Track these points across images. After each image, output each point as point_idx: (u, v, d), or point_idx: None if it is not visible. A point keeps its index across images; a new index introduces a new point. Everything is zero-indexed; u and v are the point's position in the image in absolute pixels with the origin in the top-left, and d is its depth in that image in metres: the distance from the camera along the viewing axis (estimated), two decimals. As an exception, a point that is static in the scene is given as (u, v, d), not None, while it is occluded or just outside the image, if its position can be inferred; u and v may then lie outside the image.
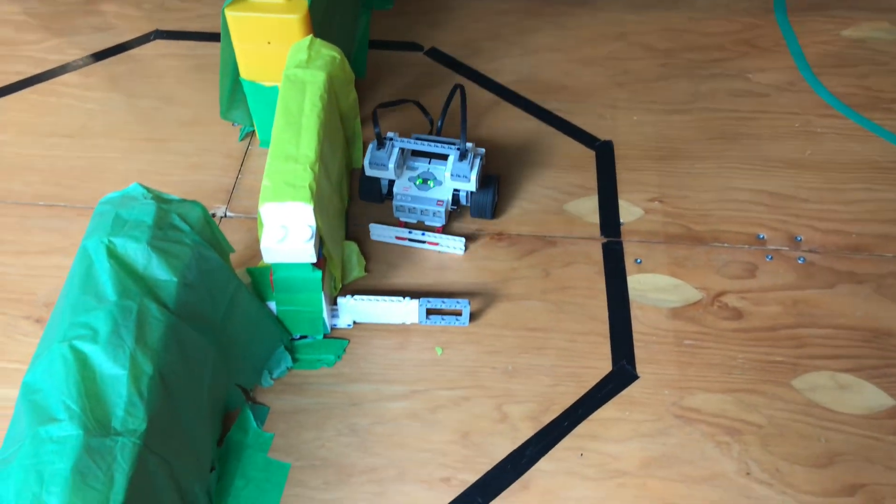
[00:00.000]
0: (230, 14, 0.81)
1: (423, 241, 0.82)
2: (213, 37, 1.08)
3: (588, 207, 0.88)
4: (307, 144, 0.68)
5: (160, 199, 0.65)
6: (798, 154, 0.92)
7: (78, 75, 1.05)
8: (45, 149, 0.95)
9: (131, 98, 1.01)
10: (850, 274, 0.81)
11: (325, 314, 0.73)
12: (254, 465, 0.67)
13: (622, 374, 0.74)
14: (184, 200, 0.66)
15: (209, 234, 0.67)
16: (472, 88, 1.01)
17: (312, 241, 0.66)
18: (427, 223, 0.84)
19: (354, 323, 0.76)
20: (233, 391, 0.69)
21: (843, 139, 0.94)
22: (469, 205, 0.84)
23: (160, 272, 0.59)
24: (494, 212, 0.85)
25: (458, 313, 0.75)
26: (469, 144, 0.82)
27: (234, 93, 0.92)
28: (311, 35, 0.79)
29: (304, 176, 0.65)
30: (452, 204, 0.84)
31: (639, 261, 0.82)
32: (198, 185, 0.90)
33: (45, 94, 1.02)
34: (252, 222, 0.86)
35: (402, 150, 0.83)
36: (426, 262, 0.82)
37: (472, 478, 0.67)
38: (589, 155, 0.93)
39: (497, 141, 0.94)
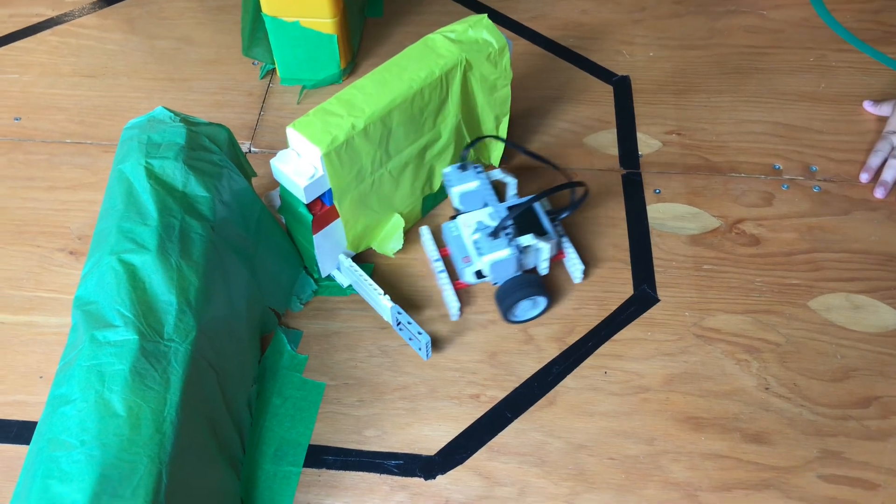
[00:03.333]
0: (253, -52, 0.81)
1: (439, 279, 0.76)
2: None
3: (607, 140, 0.89)
4: (374, 103, 0.67)
5: (188, 122, 0.66)
6: (812, 87, 0.94)
7: (95, 17, 1.05)
8: (69, 88, 0.96)
9: (150, 39, 1.01)
10: (864, 201, 0.82)
11: (323, 258, 0.73)
12: (290, 384, 0.69)
13: (644, 297, 0.76)
14: (210, 123, 0.68)
15: (234, 156, 0.68)
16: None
17: (307, 183, 0.64)
18: (455, 269, 0.75)
19: (351, 289, 0.75)
20: (267, 313, 0.71)
21: (857, 72, 0.95)
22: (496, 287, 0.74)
23: (198, 189, 0.61)
24: (515, 320, 0.73)
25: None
26: (532, 238, 0.71)
27: (255, 29, 0.92)
28: (485, 15, 0.74)
29: (339, 127, 0.65)
30: (478, 275, 0.73)
31: (658, 191, 0.84)
32: (221, 121, 0.90)
33: (65, 36, 1.02)
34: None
35: (484, 187, 0.75)
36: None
37: (500, 394, 0.69)
38: (607, 90, 0.94)
39: (516, 77, 0.95)
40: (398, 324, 0.71)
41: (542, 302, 0.73)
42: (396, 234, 0.77)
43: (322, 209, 0.69)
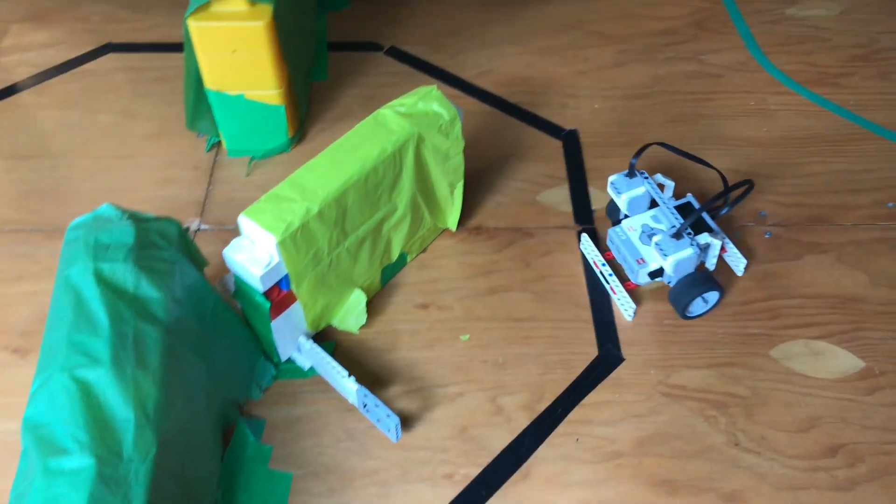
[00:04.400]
0: (193, 24, 0.80)
1: (607, 282, 0.79)
2: (169, 47, 1.06)
3: (560, 197, 0.89)
4: (328, 185, 0.66)
5: (136, 219, 0.64)
6: (755, 132, 0.96)
7: (30, 94, 1.02)
8: (4, 171, 0.92)
9: (90, 114, 0.99)
10: (814, 244, 0.84)
11: (283, 342, 0.71)
12: (256, 478, 0.67)
13: (608, 357, 0.76)
14: (158, 217, 0.66)
15: (185, 248, 0.66)
16: (433, 84, 1.02)
17: (263, 272, 0.63)
18: (626, 271, 0.79)
19: (313, 371, 0.73)
20: (228, 406, 0.69)
21: (796, 115, 0.98)
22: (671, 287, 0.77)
23: (150, 290, 0.59)
24: (690, 316, 0.77)
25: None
26: (708, 237, 0.75)
27: (197, 102, 0.91)
28: (434, 87, 0.75)
29: (293, 212, 0.64)
30: (652, 275, 0.76)
31: (614, 246, 0.85)
32: (169, 199, 0.89)
33: (-1, 116, 0.99)
34: (227, 234, 0.86)
35: (648, 192, 0.78)
36: (416, 263, 0.83)
37: (474, 471, 0.68)
38: (556, 145, 0.95)
39: (466, 136, 0.95)
40: (364, 406, 0.70)
41: (714, 296, 0.76)
42: (358, 309, 0.76)
43: (279, 295, 0.68)
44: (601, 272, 0.80)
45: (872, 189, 0.89)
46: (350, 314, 0.76)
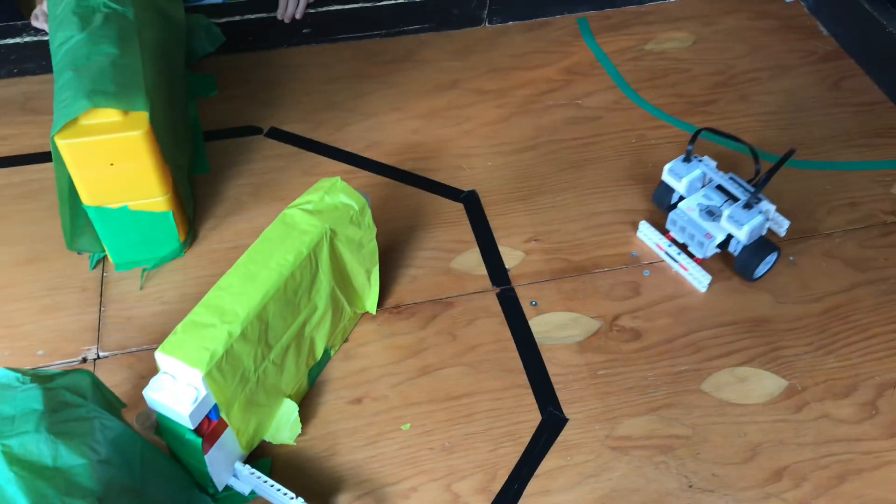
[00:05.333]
0: (62, 143, 0.74)
1: (676, 261, 0.87)
2: (34, 158, 0.98)
3: (473, 261, 0.89)
4: (246, 302, 0.62)
5: (41, 379, 0.57)
6: (642, 168, 1.00)
7: None
8: None
9: (-53, 246, 0.89)
10: (720, 272, 0.88)
11: (218, 472, 0.66)
12: None
13: (553, 420, 0.76)
14: (66, 372, 0.60)
15: (101, 398, 0.61)
16: (323, 162, 1.00)
17: (192, 409, 0.59)
18: (690, 249, 0.87)
19: (254, 494, 0.69)
20: (170, 555, 0.63)
21: (675, 146, 1.03)
22: (736, 256, 0.86)
23: (72, 458, 0.53)
24: (758, 277, 0.86)
25: None
26: (767, 203, 0.83)
27: (74, 218, 0.84)
28: (338, 178, 0.73)
29: (215, 339, 0.60)
30: (720, 246, 0.86)
31: (534, 303, 0.85)
32: (56, 331, 0.81)
33: None
34: (132, 358, 0.79)
35: (704, 174, 0.86)
36: (341, 354, 0.79)
37: (443, 569, 0.66)
38: (458, 207, 0.95)
39: (366, 213, 0.93)
40: None
41: (773, 256, 0.85)
42: (291, 420, 0.71)
43: (210, 426, 0.63)
44: (667, 253, 0.87)
45: (758, 210, 0.94)
46: (283, 427, 0.71)
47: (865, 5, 1.12)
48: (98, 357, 0.80)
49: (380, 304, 0.83)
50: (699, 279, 0.85)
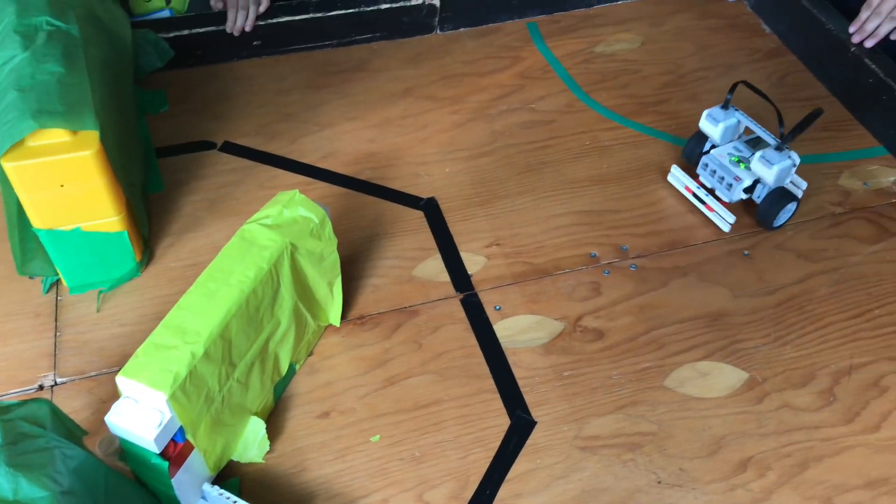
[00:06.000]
0: (9, 165, 0.72)
1: (703, 202, 0.93)
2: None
3: (435, 268, 0.89)
4: (208, 322, 0.61)
5: (-3, 410, 0.56)
6: (597, 170, 1.01)
7: None
8: None
9: None
10: (676, 269, 0.89)
11: (185, 495, 0.65)
12: None
13: (521, 423, 0.76)
14: (23, 402, 0.58)
15: (61, 427, 0.59)
16: (279, 175, 0.99)
17: (157, 433, 0.58)
18: (717, 192, 0.92)
19: None
20: (139, 583, 0.62)
21: (628, 147, 1.04)
22: (759, 203, 0.91)
23: (33, 490, 0.51)
24: (778, 226, 0.92)
25: None
26: (795, 155, 0.87)
27: (24, 241, 0.82)
28: (296, 191, 0.72)
29: (177, 361, 0.59)
30: (747, 191, 0.91)
31: (498, 307, 0.85)
32: (10, 358, 0.79)
33: None
34: (91, 383, 0.77)
35: (739, 122, 0.92)
36: (306, 368, 0.79)
37: (419, 580, 0.66)
38: (418, 215, 0.95)
39: (325, 224, 0.93)
40: None
41: (793, 206, 0.91)
42: (259, 438, 0.71)
43: (176, 448, 0.62)
44: (695, 195, 0.93)
45: (711, 206, 0.96)
46: (251, 445, 0.71)
47: (805, 3, 1.15)
48: (56, 383, 0.78)
49: (343, 315, 0.83)
50: (724, 218, 0.91)
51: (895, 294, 0.87)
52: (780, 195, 0.90)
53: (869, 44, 1.06)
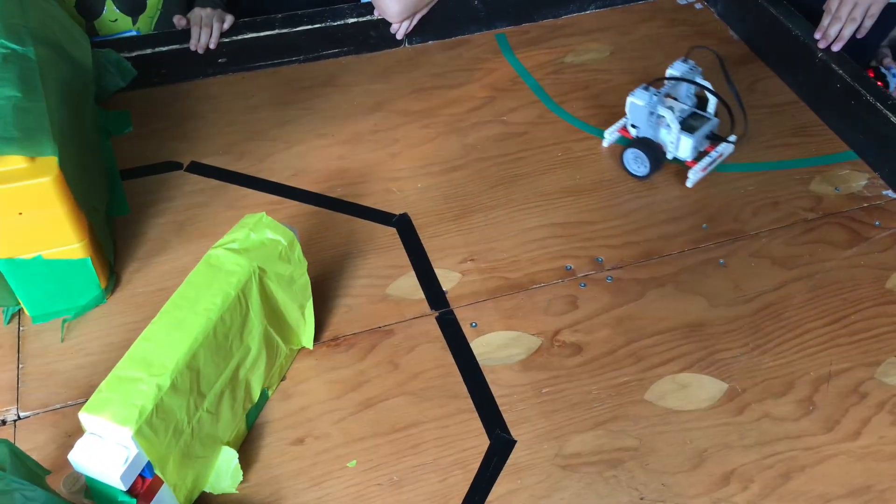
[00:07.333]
0: (-36, 194, 0.69)
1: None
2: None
3: (409, 285, 0.88)
4: (174, 352, 0.59)
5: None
6: (570, 181, 1.00)
7: None
8: None
9: None
10: (652, 279, 0.89)
11: None
12: None
13: (501, 443, 0.75)
14: (-21, 444, 0.56)
15: (22, 468, 0.57)
16: (248, 195, 0.97)
17: (123, 470, 0.56)
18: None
19: None
20: None
21: (601, 157, 1.04)
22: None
23: (-9, 538, 0.49)
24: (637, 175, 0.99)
25: None
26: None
27: (-17, 273, 0.79)
28: (263, 213, 0.70)
29: (143, 394, 0.57)
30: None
31: (474, 324, 0.84)
32: (-29, 392, 0.76)
33: None
34: (56, 416, 0.75)
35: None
36: (279, 393, 0.77)
37: None
38: (391, 232, 0.93)
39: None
40: None
41: (646, 166, 0.97)
42: (231, 468, 0.68)
43: (144, 484, 0.60)
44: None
45: (687, 214, 0.96)
46: (223, 476, 0.68)
47: (770, 9, 1.16)
48: (19, 417, 0.75)
49: (316, 337, 0.81)
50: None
51: (871, 299, 0.87)
52: (645, 142, 0.95)
53: (836, 48, 1.07)
